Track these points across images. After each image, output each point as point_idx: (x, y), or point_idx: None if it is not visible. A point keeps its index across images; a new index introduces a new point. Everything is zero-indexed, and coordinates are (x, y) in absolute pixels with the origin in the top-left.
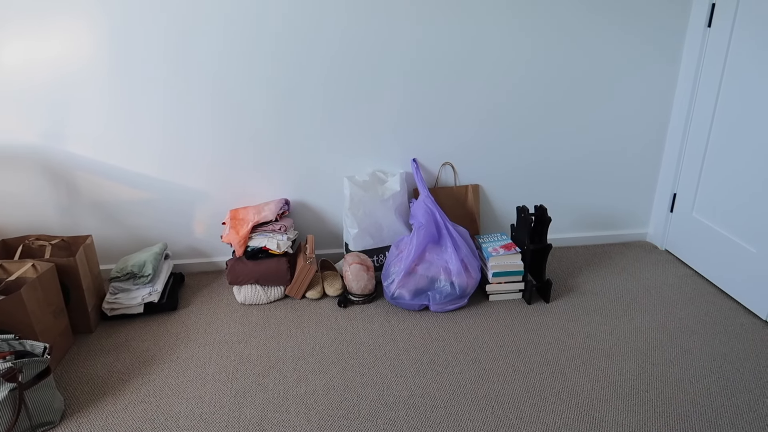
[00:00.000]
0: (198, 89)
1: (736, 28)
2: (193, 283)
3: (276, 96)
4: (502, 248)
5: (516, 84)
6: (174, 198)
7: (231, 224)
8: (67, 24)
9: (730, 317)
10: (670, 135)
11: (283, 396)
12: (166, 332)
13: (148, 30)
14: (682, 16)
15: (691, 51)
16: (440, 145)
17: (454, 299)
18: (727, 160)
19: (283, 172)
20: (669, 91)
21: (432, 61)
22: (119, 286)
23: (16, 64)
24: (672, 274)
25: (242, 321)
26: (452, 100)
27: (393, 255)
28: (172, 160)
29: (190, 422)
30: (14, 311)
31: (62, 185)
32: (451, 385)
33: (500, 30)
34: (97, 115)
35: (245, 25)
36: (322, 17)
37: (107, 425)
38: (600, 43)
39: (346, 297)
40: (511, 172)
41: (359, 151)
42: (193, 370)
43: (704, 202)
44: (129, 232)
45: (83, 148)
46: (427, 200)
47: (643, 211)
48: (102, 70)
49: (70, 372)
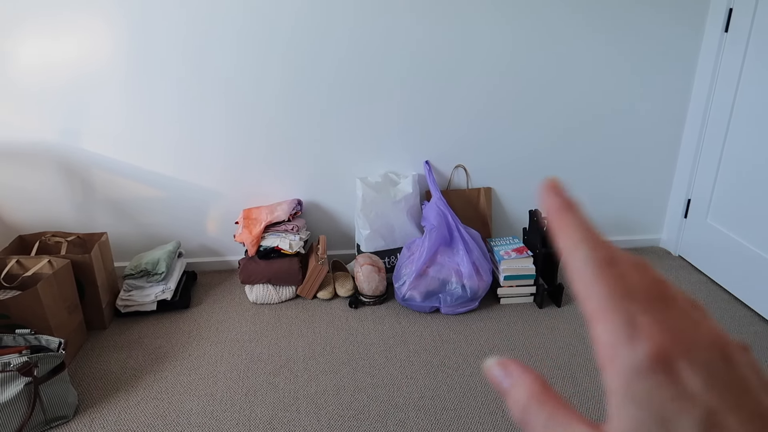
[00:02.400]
0: (213, 90)
1: (754, 34)
2: (206, 281)
3: (289, 97)
4: (514, 251)
5: (529, 89)
6: (188, 197)
7: (244, 224)
8: (86, 24)
9: (744, 324)
10: (685, 140)
11: (294, 395)
12: (178, 330)
13: (166, 32)
14: (698, 21)
15: (708, 56)
16: (453, 148)
17: (465, 302)
18: (743, 167)
19: (296, 172)
20: (685, 96)
21: (442, 62)
22: (133, 283)
23: (35, 63)
24: (685, 280)
25: (254, 320)
26: (465, 103)
27: (404, 257)
28: (187, 160)
29: (202, 419)
30: (30, 306)
31: (78, 183)
32: (461, 388)
33: (515, 31)
34: (114, 114)
35: (259, 28)
36: (333, 19)
37: (120, 420)
38: (614, 48)
39: (357, 298)
40: (524, 175)
41: (372, 152)
42: (205, 367)
43: (719, 209)
44: (143, 230)
45: (100, 147)
46: (439, 202)
47: (657, 216)
48: (119, 71)
49: (84, 367)
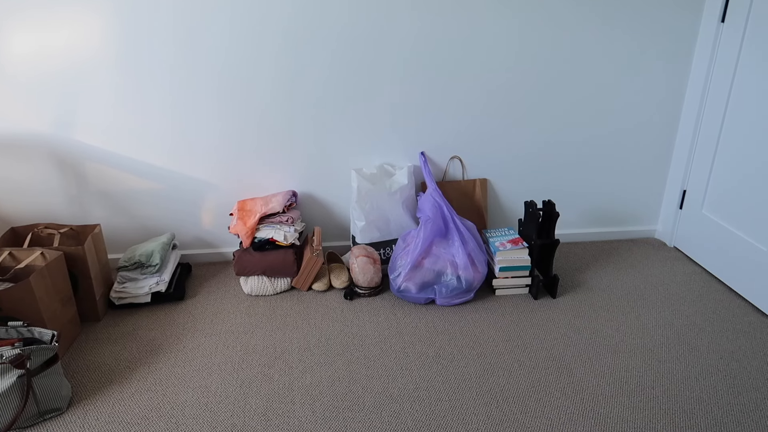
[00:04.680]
0: (206, 80)
1: (750, 23)
2: (200, 273)
3: (283, 88)
4: (509, 243)
5: (524, 79)
6: (182, 188)
7: (238, 215)
8: (76, 13)
9: (738, 315)
10: (681, 131)
11: (289, 387)
12: (172, 322)
13: (157, 20)
14: (695, 11)
15: (704, 46)
16: (448, 139)
17: (460, 293)
18: (739, 158)
19: (291, 163)
20: (680, 86)
21: (439, 53)
22: (127, 275)
23: (25, 53)
24: (680, 271)
25: (248, 312)
26: (461, 94)
27: (400, 248)
28: (181, 151)
29: (196, 411)
30: (23, 299)
31: (71, 174)
32: (456, 379)
33: (509, 21)
34: (105, 105)
35: (252, 16)
36: (328, 7)
37: (114, 413)
38: (610, 37)
39: (352, 289)
40: (519, 167)
41: (367, 143)
42: (200, 359)
43: (714, 200)
44: (137, 221)
45: (92, 138)
46: (434, 194)
47: (653, 207)
48: (110, 61)
49: (78, 359)
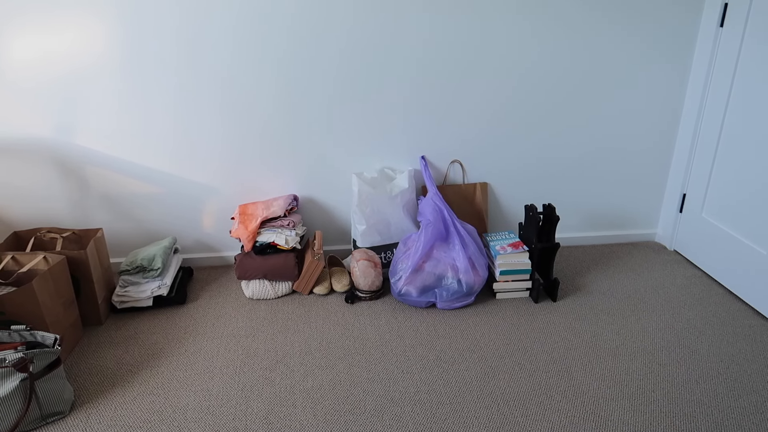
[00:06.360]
0: (208, 85)
1: (749, 28)
2: (202, 277)
3: (285, 92)
4: (509, 246)
5: (524, 82)
6: (183, 193)
7: (240, 219)
8: (79, 19)
9: (739, 318)
10: (680, 135)
11: (290, 390)
12: (174, 325)
13: (160, 26)
14: (694, 16)
15: (703, 50)
16: (449, 143)
17: (461, 297)
18: (738, 161)
19: (292, 168)
20: (680, 90)
21: (440, 59)
22: (129, 279)
23: (27, 58)
24: (680, 274)
25: (250, 315)
26: (461, 98)
27: (401, 252)
28: (182, 155)
29: (198, 415)
30: (26, 302)
31: (73, 179)
32: (457, 382)
33: (508, 27)
34: (108, 110)
35: (255, 21)
36: (332, 12)
37: (116, 416)
38: (610, 42)
39: (353, 293)
40: (519, 170)
41: (368, 148)
42: (201, 363)
43: (714, 203)
44: (139, 225)
45: (94, 143)
46: (435, 197)
47: (652, 211)
48: (113, 66)
49: (80, 363)
